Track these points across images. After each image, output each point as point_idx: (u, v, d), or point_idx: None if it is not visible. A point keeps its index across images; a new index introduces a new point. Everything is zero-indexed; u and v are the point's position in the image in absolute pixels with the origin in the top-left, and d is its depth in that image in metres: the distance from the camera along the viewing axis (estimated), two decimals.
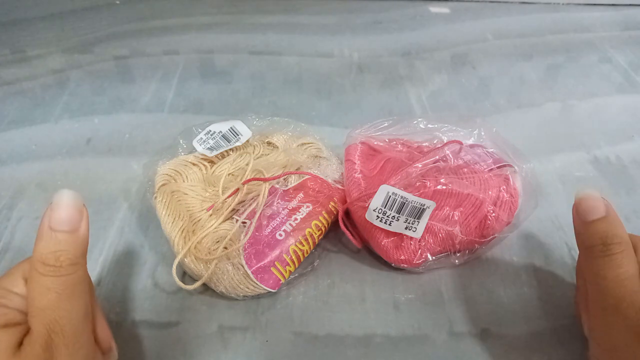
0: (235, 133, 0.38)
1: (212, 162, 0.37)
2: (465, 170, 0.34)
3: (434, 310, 0.32)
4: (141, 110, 0.49)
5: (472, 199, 0.32)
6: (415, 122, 0.38)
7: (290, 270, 0.32)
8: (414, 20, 0.66)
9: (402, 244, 0.32)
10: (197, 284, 0.31)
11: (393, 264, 0.33)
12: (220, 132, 0.38)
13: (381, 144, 0.37)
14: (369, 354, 0.29)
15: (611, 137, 0.46)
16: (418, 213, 0.31)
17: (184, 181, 0.35)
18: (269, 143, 0.39)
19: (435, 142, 0.37)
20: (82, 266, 0.22)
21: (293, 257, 0.32)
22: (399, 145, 0.38)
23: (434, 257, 0.32)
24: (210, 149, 0.37)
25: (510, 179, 0.34)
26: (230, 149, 0.38)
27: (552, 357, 0.29)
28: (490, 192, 0.33)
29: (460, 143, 0.36)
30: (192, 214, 0.33)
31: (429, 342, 0.30)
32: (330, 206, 0.34)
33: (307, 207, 0.34)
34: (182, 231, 0.32)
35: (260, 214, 0.32)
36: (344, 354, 0.29)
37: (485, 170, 0.34)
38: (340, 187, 0.36)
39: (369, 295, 0.32)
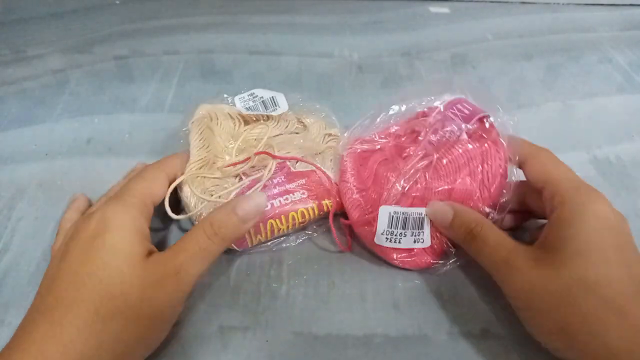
0: (274, 103, 0.39)
1: (246, 121, 0.39)
2: (448, 159, 0.33)
3: (434, 310, 0.32)
4: (141, 110, 0.49)
5: (459, 192, 0.33)
6: (391, 111, 0.37)
7: (260, 240, 0.34)
8: (414, 20, 0.66)
9: (414, 252, 0.33)
10: (182, 217, 0.34)
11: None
12: (262, 97, 0.40)
13: (368, 146, 0.36)
14: (369, 354, 0.29)
15: (611, 137, 0.46)
16: (420, 223, 0.31)
17: (217, 125, 0.38)
18: (300, 121, 0.40)
19: (422, 113, 0.36)
20: (223, 246, 0.28)
21: (268, 229, 0.33)
22: (388, 138, 0.37)
23: (450, 260, 0.33)
24: (248, 108, 0.39)
25: (490, 152, 0.33)
26: (265, 116, 0.40)
27: (551, 357, 0.29)
28: (479, 168, 0.33)
29: (431, 111, 0.35)
30: (216, 153, 0.36)
31: (429, 342, 0.30)
32: (323, 203, 0.35)
33: (302, 193, 0.35)
34: (202, 161, 0.35)
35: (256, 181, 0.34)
36: (344, 354, 0.29)
37: (465, 142, 0.33)
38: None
39: (369, 295, 0.32)
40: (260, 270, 0.34)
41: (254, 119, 0.39)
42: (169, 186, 0.33)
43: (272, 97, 0.40)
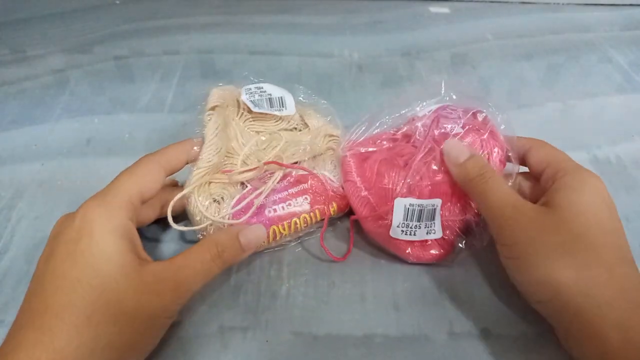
0: (281, 103, 0.38)
1: (249, 109, 0.37)
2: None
3: (434, 310, 0.32)
4: (141, 110, 0.49)
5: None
6: (386, 117, 0.37)
7: (264, 246, 0.33)
8: (414, 20, 0.66)
9: (426, 245, 0.33)
10: (186, 229, 0.32)
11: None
12: (270, 95, 0.38)
13: (368, 149, 0.37)
14: (369, 354, 0.29)
15: (611, 137, 0.46)
16: (432, 214, 0.32)
17: (228, 116, 0.36)
18: (302, 119, 0.39)
19: (412, 119, 0.37)
20: (222, 268, 0.29)
21: (270, 235, 0.33)
22: (384, 142, 0.37)
23: (461, 245, 0.33)
24: (253, 103, 0.37)
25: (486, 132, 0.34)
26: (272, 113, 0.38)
27: (551, 357, 0.29)
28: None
29: (422, 118, 0.35)
30: (227, 150, 0.34)
31: (429, 342, 0.30)
32: (325, 208, 0.35)
33: (305, 199, 0.35)
34: (211, 166, 0.33)
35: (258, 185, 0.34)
36: (344, 354, 0.29)
37: (464, 134, 0.34)
38: (342, 190, 0.36)
39: (369, 295, 0.32)
40: (260, 270, 0.34)
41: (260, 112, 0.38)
42: (165, 177, 0.31)
43: (281, 97, 0.38)
